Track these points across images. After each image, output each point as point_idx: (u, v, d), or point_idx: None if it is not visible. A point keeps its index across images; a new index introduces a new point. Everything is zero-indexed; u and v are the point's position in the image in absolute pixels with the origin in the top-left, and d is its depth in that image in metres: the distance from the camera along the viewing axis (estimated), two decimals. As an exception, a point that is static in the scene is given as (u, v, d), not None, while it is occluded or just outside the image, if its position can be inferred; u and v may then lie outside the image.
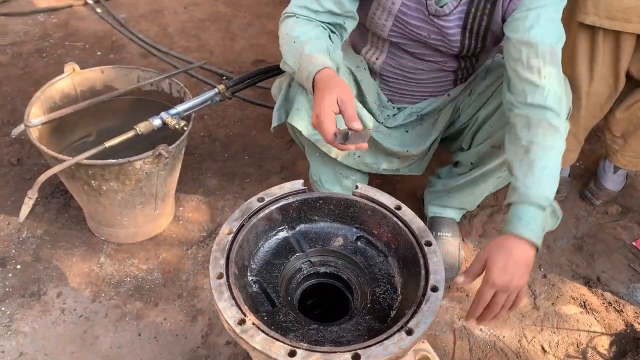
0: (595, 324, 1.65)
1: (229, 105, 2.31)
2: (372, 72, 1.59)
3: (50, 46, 2.55)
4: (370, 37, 1.54)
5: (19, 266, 1.68)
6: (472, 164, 1.59)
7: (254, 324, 0.81)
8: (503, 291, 1.06)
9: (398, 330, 0.81)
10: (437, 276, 0.89)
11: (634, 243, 1.88)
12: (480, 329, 1.61)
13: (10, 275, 1.66)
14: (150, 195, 1.63)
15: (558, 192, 1.93)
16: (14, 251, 1.72)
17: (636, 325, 1.65)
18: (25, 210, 1.40)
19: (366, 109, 1.52)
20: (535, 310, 1.68)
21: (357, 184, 1.03)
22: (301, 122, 1.36)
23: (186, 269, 1.72)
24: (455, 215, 1.80)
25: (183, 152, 1.68)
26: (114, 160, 1.43)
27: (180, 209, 1.89)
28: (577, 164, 2.15)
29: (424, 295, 0.86)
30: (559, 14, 1.29)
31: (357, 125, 1.02)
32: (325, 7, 1.32)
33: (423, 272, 0.90)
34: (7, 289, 1.62)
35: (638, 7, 1.51)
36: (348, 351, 0.78)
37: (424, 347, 1.37)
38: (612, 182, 1.95)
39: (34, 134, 1.52)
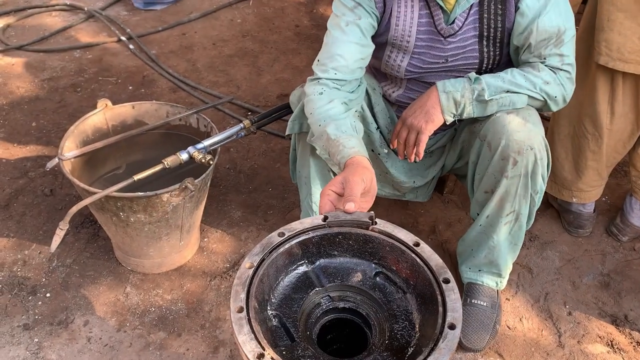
0: (623, 364, 1.61)
1: (254, 138, 2.37)
2: (389, 101, 1.62)
3: (85, 81, 2.66)
4: (386, 76, 1.58)
5: (48, 294, 1.73)
6: (478, 214, 1.57)
7: (272, 358, 0.82)
8: (407, 127, 1.43)
9: (415, 368, 0.82)
10: (454, 314, 0.89)
11: (662, 281, 1.84)
12: (504, 367, 1.59)
13: (40, 303, 1.71)
14: (176, 227, 1.67)
15: (582, 227, 1.94)
16: (44, 280, 1.77)
17: (666, 367, 1.61)
18: (56, 240, 1.45)
19: (379, 132, 1.55)
20: (560, 348, 1.65)
21: (376, 220, 1.05)
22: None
23: (209, 300, 1.74)
24: (492, 282, 1.67)
25: (208, 185, 1.73)
26: (142, 193, 1.48)
27: (205, 240, 1.93)
28: (603, 199, 2.13)
29: (441, 332, 0.87)
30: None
31: (350, 208, 1.04)
32: (353, 67, 1.40)
33: (441, 309, 0.90)
34: (36, 317, 1.67)
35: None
36: (365, 388, 0.79)
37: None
38: (638, 218, 1.92)
39: (66, 167, 1.59)
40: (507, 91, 1.37)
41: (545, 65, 1.38)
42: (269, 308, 0.98)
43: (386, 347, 0.94)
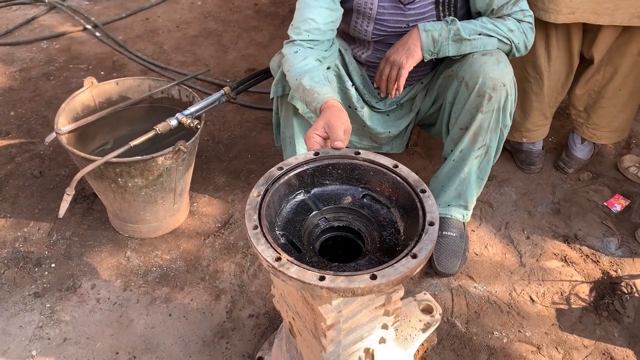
0: (576, 275, 1.85)
1: (229, 110, 2.50)
2: (359, 62, 1.79)
3: (56, 70, 2.73)
4: (354, 39, 1.75)
5: (53, 265, 1.85)
6: (451, 151, 1.75)
7: (288, 259, 0.99)
8: (389, 64, 1.59)
9: (405, 256, 1.00)
10: (432, 214, 1.08)
11: (605, 203, 2.09)
12: (475, 287, 1.81)
13: (46, 273, 1.82)
14: (170, 190, 1.81)
15: (533, 164, 2.18)
16: (47, 252, 1.88)
17: (612, 273, 1.85)
18: (64, 206, 1.57)
19: (355, 88, 1.72)
20: (522, 267, 1.88)
21: (360, 150, 1.22)
22: (299, 102, 1.56)
23: (206, 256, 1.89)
24: (460, 215, 1.87)
25: (196, 150, 1.87)
26: (140, 157, 1.61)
27: (195, 204, 2.07)
28: (550, 139, 2.37)
29: (423, 228, 1.05)
30: None
31: (339, 144, 1.21)
32: (325, 29, 1.56)
33: (421, 212, 1.09)
34: (45, 285, 1.78)
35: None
36: (366, 273, 0.97)
37: (427, 298, 1.56)
38: (581, 151, 2.17)
39: (64, 142, 1.69)
40: (480, 34, 1.55)
41: (511, 18, 1.58)
42: (276, 229, 1.14)
43: (378, 250, 1.12)
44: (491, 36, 1.57)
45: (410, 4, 1.59)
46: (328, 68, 1.60)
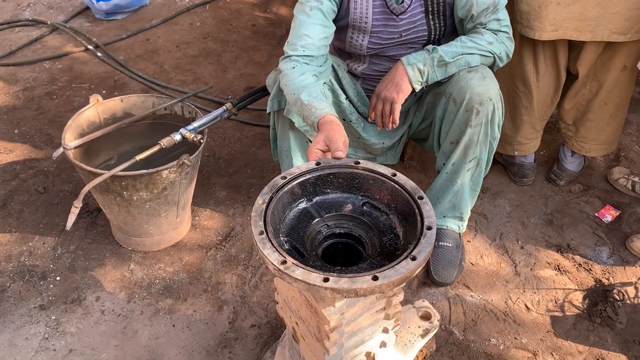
0: (569, 283, 1.90)
1: (229, 127, 2.56)
2: (354, 75, 1.86)
3: (59, 89, 2.79)
4: (350, 55, 1.82)
5: (58, 278, 1.88)
6: (444, 164, 1.81)
7: (293, 262, 1.04)
8: (381, 100, 1.66)
9: (405, 258, 1.05)
10: (429, 219, 1.13)
11: (596, 214, 2.15)
12: (471, 295, 1.85)
13: (51, 286, 1.85)
14: (173, 203, 1.85)
15: (526, 176, 2.25)
16: (52, 265, 1.92)
17: (604, 280, 1.91)
18: (71, 218, 1.61)
19: (349, 101, 1.78)
20: (516, 276, 1.93)
21: (359, 160, 1.28)
22: (295, 116, 1.62)
23: (208, 268, 1.93)
24: (455, 226, 1.91)
25: (199, 164, 1.92)
26: (145, 171, 1.66)
27: (196, 218, 2.12)
28: (542, 152, 2.44)
29: (421, 233, 1.10)
30: None
31: (340, 154, 1.28)
32: (319, 45, 1.63)
33: (419, 217, 1.14)
34: (50, 298, 1.82)
35: (549, 16, 1.83)
36: (368, 274, 1.02)
37: (425, 305, 1.61)
38: (572, 164, 2.24)
39: (71, 157, 1.74)
40: (462, 54, 1.62)
41: (487, 29, 1.66)
42: (281, 235, 1.19)
43: (378, 255, 1.17)
44: (473, 53, 1.63)
45: (401, 14, 1.67)
46: (324, 84, 1.67)
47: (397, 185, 1.23)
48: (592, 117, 2.10)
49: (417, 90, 1.64)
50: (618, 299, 1.84)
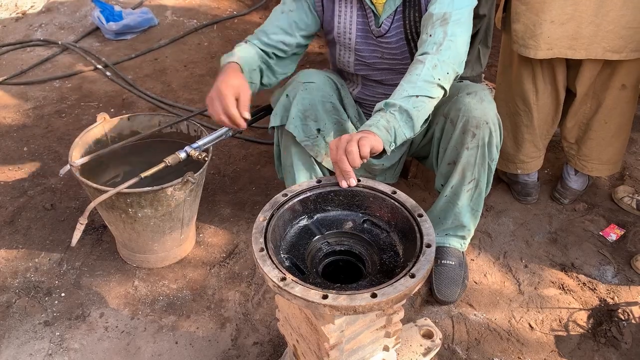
0: (574, 302, 1.89)
1: (234, 145, 2.59)
2: (353, 98, 1.89)
3: (68, 107, 2.83)
4: (345, 75, 1.86)
5: (63, 294, 1.90)
6: (442, 185, 1.81)
7: (292, 279, 1.05)
8: (345, 139, 1.26)
9: (404, 276, 1.06)
10: (429, 237, 1.14)
11: (600, 233, 2.15)
12: (474, 314, 1.84)
13: (56, 302, 1.87)
14: (177, 220, 1.87)
15: (530, 195, 2.26)
16: (57, 282, 1.94)
17: (609, 300, 1.89)
18: (77, 235, 1.63)
19: (350, 121, 1.81)
20: (520, 295, 1.92)
21: (360, 178, 1.30)
22: (296, 130, 1.65)
23: (211, 285, 1.94)
24: (458, 244, 1.91)
25: (204, 181, 1.94)
26: (150, 188, 1.68)
27: (201, 235, 2.13)
28: (546, 171, 2.44)
29: (420, 250, 1.11)
30: None
31: (247, 115, 1.40)
32: (273, 40, 1.70)
33: (418, 235, 1.15)
34: (55, 314, 1.83)
35: (543, 34, 1.85)
36: (367, 292, 1.02)
37: (427, 323, 1.60)
38: (575, 182, 2.25)
39: (77, 175, 1.77)
40: (417, 95, 1.41)
41: (425, 48, 1.50)
42: (281, 252, 1.20)
43: (378, 272, 1.18)
44: (430, 87, 1.44)
45: (381, 37, 1.69)
46: (331, 103, 1.69)
47: (397, 203, 1.24)
48: (593, 136, 2.10)
49: (387, 153, 1.36)
50: (623, 318, 1.82)
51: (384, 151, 1.33)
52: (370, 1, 1.64)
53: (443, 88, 1.47)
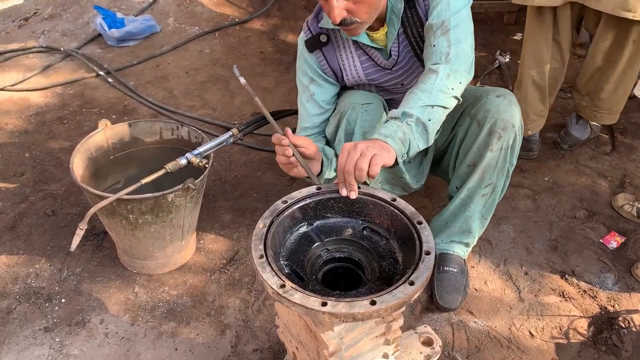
0: (574, 310, 1.89)
1: (235, 152, 2.60)
2: None
3: (70, 114, 2.84)
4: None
5: (63, 300, 1.90)
6: (457, 188, 1.82)
7: (292, 287, 1.05)
8: (359, 150, 1.22)
9: (403, 283, 1.06)
10: (428, 244, 1.14)
11: (601, 240, 2.14)
12: (475, 321, 1.84)
13: (56, 308, 1.87)
14: (178, 227, 1.87)
15: (530, 150, 2.50)
16: (57, 288, 1.94)
17: (609, 308, 1.89)
18: (76, 240, 1.64)
19: None
20: (520, 302, 1.92)
21: (359, 185, 1.30)
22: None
23: (212, 292, 1.94)
24: (461, 251, 1.93)
25: (204, 187, 1.94)
26: (150, 194, 1.69)
27: (201, 241, 2.13)
28: (546, 179, 2.44)
29: (420, 257, 1.11)
30: None
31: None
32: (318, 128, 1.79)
33: (418, 242, 1.15)
34: (55, 320, 1.83)
35: None
36: (366, 299, 1.02)
37: (427, 331, 1.60)
38: (577, 130, 2.53)
39: (78, 181, 1.77)
40: (432, 105, 1.40)
41: (433, 59, 1.52)
42: (281, 259, 1.21)
43: (377, 279, 1.18)
44: (445, 97, 1.44)
45: (394, 66, 1.72)
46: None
47: (396, 210, 1.24)
48: (605, 88, 2.34)
49: (399, 165, 1.35)
50: (624, 326, 1.82)
51: (395, 162, 1.32)
52: (370, 40, 1.67)
53: (457, 98, 1.48)
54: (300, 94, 1.82)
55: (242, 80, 1.38)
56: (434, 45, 1.52)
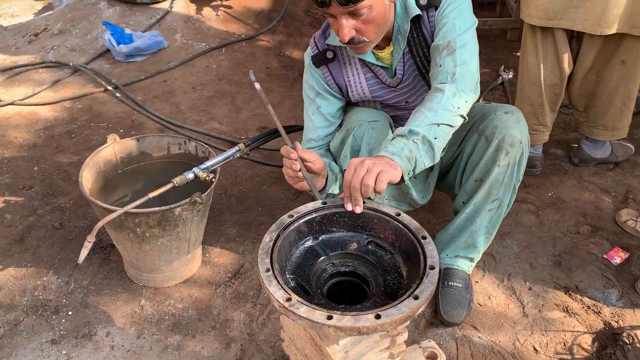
0: (578, 325, 1.89)
1: (241, 166, 2.62)
2: None
3: (78, 128, 2.88)
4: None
5: (70, 312, 1.91)
6: (463, 203, 1.83)
7: (298, 300, 1.07)
8: (365, 167, 1.25)
9: (407, 297, 1.08)
10: (432, 259, 1.16)
11: (605, 256, 2.15)
12: (479, 336, 1.85)
13: (63, 320, 1.89)
14: (184, 240, 1.89)
15: (533, 167, 2.53)
16: (64, 300, 1.96)
17: (613, 323, 1.89)
18: (84, 253, 1.65)
19: None
20: (525, 317, 1.92)
21: (364, 200, 1.32)
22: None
23: (217, 305, 1.95)
24: (466, 266, 1.94)
25: (210, 201, 1.97)
26: (158, 208, 1.71)
27: (207, 255, 2.15)
28: (549, 194, 2.46)
29: (424, 272, 1.13)
30: (465, 5, 1.59)
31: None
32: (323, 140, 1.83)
33: (422, 257, 1.17)
34: (62, 332, 1.84)
35: (544, 5, 2.11)
36: (371, 313, 1.04)
37: (431, 345, 1.61)
38: (587, 146, 2.58)
39: (87, 194, 1.80)
40: (438, 124, 1.43)
41: (439, 78, 1.55)
42: (287, 273, 1.22)
43: (382, 293, 1.19)
44: (451, 116, 1.47)
45: (399, 84, 1.75)
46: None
47: (401, 225, 1.26)
48: (598, 104, 2.39)
49: (405, 182, 1.36)
50: (628, 342, 1.82)
51: (401, 179, 1.33)
52: (376, 59, 1.70)
53: (463, 117, 1.51)
54: (307, 106, 1.85)
55: (257, 85, 1.42)
56: (440, 65, 1.55)
